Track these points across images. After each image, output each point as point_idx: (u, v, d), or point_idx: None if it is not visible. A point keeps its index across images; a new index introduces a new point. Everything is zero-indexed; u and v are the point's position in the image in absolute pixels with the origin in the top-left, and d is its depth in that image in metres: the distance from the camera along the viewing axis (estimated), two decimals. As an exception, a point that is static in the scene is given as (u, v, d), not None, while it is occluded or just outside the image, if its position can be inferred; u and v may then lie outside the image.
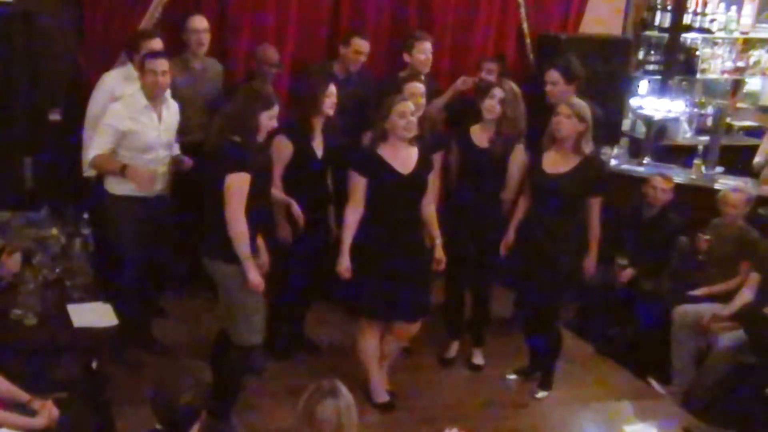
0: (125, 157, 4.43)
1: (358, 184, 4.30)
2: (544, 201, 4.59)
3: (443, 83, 5.91)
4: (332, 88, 4.56)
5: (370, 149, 4.35)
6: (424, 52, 5.34)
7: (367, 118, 5.11)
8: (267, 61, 5.18)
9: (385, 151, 4.30)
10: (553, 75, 5.01)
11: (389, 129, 4.27)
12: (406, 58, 5.37)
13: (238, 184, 3.84)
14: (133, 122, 4.40)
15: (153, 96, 4.46)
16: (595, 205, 4.55)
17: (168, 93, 4.61)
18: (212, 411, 2.87)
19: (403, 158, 4.31)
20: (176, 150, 4.76)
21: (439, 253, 4.49)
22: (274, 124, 4.01)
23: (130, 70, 4.74)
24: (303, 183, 4.58)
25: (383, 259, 4.30)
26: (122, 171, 4.39)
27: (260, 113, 3.91)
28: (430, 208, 4.49)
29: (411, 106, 4.29)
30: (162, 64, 4.41)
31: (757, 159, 6.27)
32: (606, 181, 4.71)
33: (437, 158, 4.89)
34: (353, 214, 4.31)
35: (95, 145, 4.44)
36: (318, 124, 4.58)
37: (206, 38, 5.14)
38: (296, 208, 4.43)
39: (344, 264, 4.31)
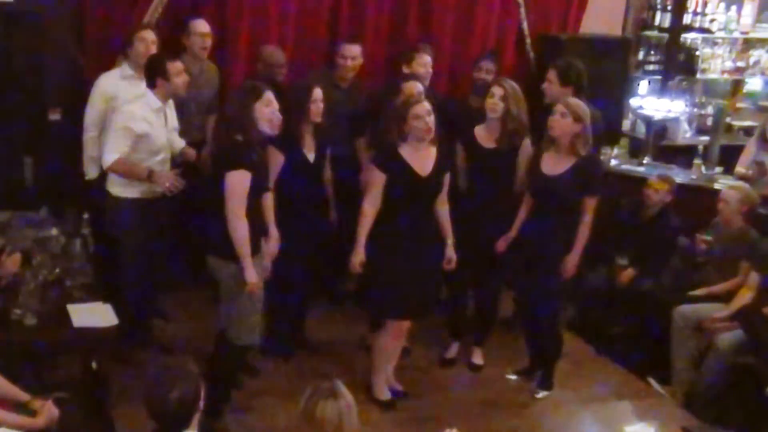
0: (137, 160, 4.39)
1: (377, 180, 4.27)
2: (542, 201, 4.57)
3: (443, 84, 5.91)
4: (317, 95, 4.47)
5: (393, 147, 4.30)
6: (423, 65, 5.27)
7: (359, 127, 5.10)
8: (273, 62, 5.16)
9: (406, 151, 4.28)
10: (551, 74, 5.00)
11: (408, 131, 4.24)
12: (405, 70, 5.25)
13: (238, 182, 3.83)
14: (146, 125, 4.37)
15: (173, 96, 4.47)
16: (590, 205, 4.51)
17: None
18: (207, 410, 2.87)
19: (423, 159, 4.29)
20: (182, 142, 4.75)
21: (450, 252, 4.48)
22: (274, 107, 3.96)
23: (125, 69, 4.74)
24: (298, 188, 4.53)
25: (399, 258, 4.30)
26: (149, 177, 4.35)
27: (253, 104, 3.90)
28: (443, 207, 4.46)
29: (428, 105, 4.25)
30: (180, 64, 4.45)
31: (739, 168, 6.23)
32: (603, 182, 4.67)
33: None
34: (370, 209, 4.29)
35: (113, 149, 4.34)
36: (307, 130, 4.53)
37: (209, 42, 5.12)
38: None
39: (359, 258, 4.30)
